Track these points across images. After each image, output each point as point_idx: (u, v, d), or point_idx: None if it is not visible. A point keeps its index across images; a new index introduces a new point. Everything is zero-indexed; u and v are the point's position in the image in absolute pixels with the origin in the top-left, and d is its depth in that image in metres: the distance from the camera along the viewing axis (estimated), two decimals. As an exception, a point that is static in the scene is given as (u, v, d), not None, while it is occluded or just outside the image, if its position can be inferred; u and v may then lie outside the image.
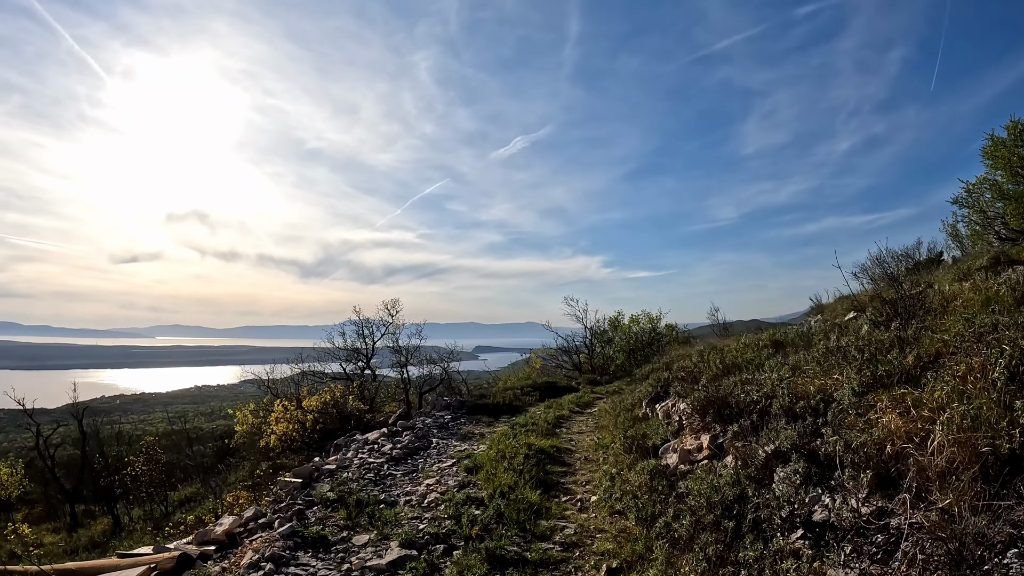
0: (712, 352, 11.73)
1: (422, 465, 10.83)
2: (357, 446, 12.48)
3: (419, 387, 19.48)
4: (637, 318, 35.50)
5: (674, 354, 15.29)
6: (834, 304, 19.33)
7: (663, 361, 14.69)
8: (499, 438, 11.81)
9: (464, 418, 15.89)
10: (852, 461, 4.57)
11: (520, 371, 31.40)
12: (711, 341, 17.80)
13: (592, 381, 25.83)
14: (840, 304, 18.60)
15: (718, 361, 10.00)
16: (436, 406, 17.33)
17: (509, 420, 15.53)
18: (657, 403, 10.96)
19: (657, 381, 11.53)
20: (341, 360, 18.93)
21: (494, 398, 17.60)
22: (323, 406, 15.42)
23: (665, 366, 14.20)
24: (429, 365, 20.47)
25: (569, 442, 12.14)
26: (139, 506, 20.82)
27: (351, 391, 16.82)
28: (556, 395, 21.48)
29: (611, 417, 13.13)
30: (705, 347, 13.12)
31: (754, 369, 8.54)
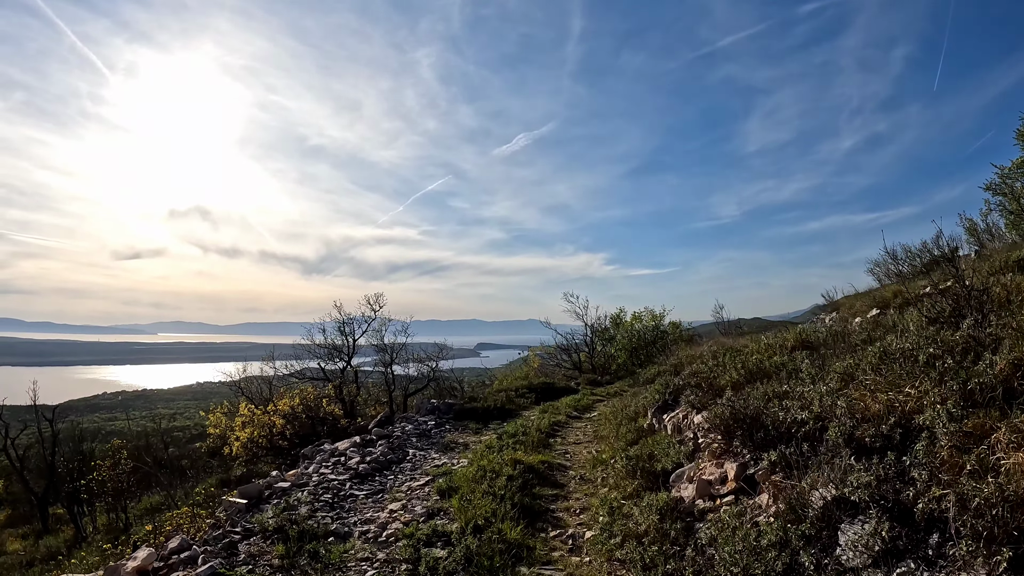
0: (729, 354, 10.18)
1: (391, 483, 9.28)
2: (323, 457, 10.94)
3: (404, 388, 17.96)
4: (640, 315, 33.92)
5: (683, 355, 13.73)
6: (851, 300, 17.67)
7: (670, 363, 13.14)
8: (483, 451, 10.27)
9: (450, 424, 14.36)
10: (971, 526, 3.02)
11: (517, 370, 29.86)
12: (721, 340, 16.24)
13: (592, 382, 24.29)
14: (857, 300, 16.90)
15: (739, 365, 8.44)
16: (421, 410, 15.81)
17: (499, 427, 14.00)
18: (665, 413, 9.41)
19: (665, 387, 9.97)
20: (321, 359, 17.43)
21: (485, 401, 16.07)
22: (291, 410, 13.90)
23: (673, 369, 12.64)
24: (416, 364, 18.94)
25: (564, 455, 10.59)
26: (106, 513, 19.37)
27: (325, 393, 15.29)
28: (553, 397, 19.95)
29: (612, 426, 11.58)
30: (718, 347, 11.55)
31: (787, 377, 6.98)
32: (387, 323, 18.37)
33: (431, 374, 18.71)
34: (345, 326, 17.42)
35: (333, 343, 17.04)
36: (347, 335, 17.30)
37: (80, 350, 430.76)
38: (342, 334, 17.43)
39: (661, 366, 13.67)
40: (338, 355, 17.32)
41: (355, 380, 17.31)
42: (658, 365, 14.60)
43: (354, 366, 17.62)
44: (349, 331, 17.30)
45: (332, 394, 15.33)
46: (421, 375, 19.00)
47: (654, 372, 13.40)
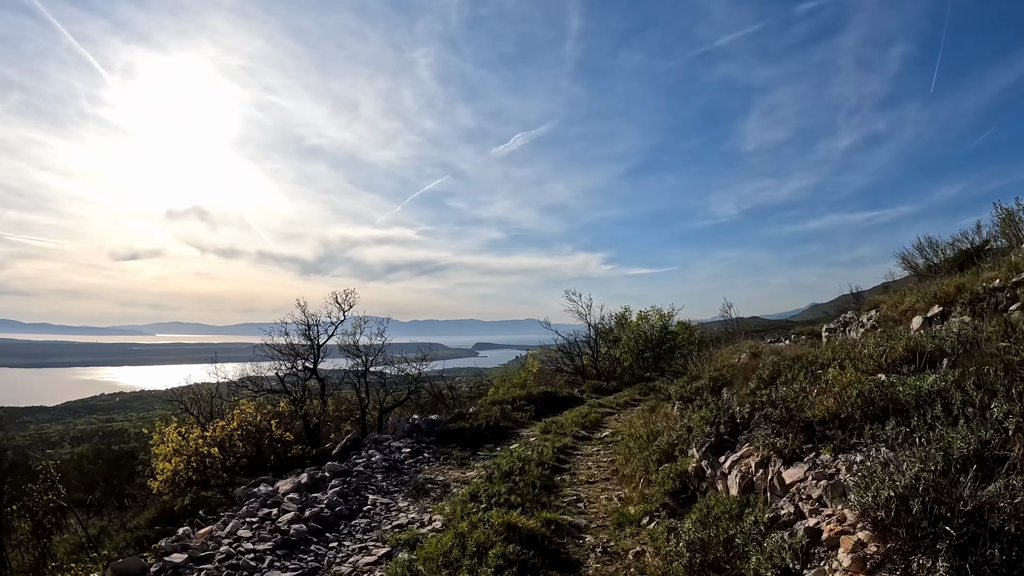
0: (801, 369, 7.36)
1: (332, 557, 6.41)
2: (251, 507, 8.08)
3: (381, 402, 15.04)
4: (646, 315, 31.02)
5: (719, 363, 10.89)
6: (893, 297, 14.69)
7: (707, 374, 10.26)
8: (465, 503, 7.39)
9: (430, 449, 11.50)
10: None
11: (515, 375, 26.97)
12: (772, 346, 13.43)
13: (598, 389, 21.44)
14: (906, 297, 13.87)
15: (838, 389, 5.62)
16: (397, 430, 12.94)
17: (491, 454, 11.14)
18: (722, 454, 6.56)
19: (715, 414, 7.12)
20: (284, 362, 14.52)
21: (475, 419, 13.21)
22: (227, 436, 11.03)
23: (712, 383, 9.80)
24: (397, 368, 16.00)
25: (575, 504, 7.72)
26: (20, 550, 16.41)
27: (279, 411, 12.40)
28: (555, 409, 17.11)
29: (637, 461, 8.72)
30: (777, 357, 8.68)
31: (947, 417, 4.16)
32: (362, 324, 15.54)
33: (413, 385, 15.78)
34: (311, 329, 14.60)
35: (292, 346, 14.18)
36: (313, 339, 14.46)
37: (78, 351, 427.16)
38: (307, 338, 14.60)
39: (695, 379, 10.83)
40: (302, 360, 14.46)
41: (321, 393, 14.43)
42: (689, 373, 11.69)
43: (321, 375, 14.75)
44: (314, 335, 14.46)
45: (286, 412, 12.42)
46: (405, 383, 16.08)
47: (686, 385, 10.53)
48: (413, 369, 16.20)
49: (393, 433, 13.04)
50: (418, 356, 16.44)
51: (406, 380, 15.78)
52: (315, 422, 13.70)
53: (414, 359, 16.41)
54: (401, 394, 15.75)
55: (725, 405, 7.37)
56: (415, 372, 15.91)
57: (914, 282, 17.50)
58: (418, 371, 15.99)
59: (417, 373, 15.90)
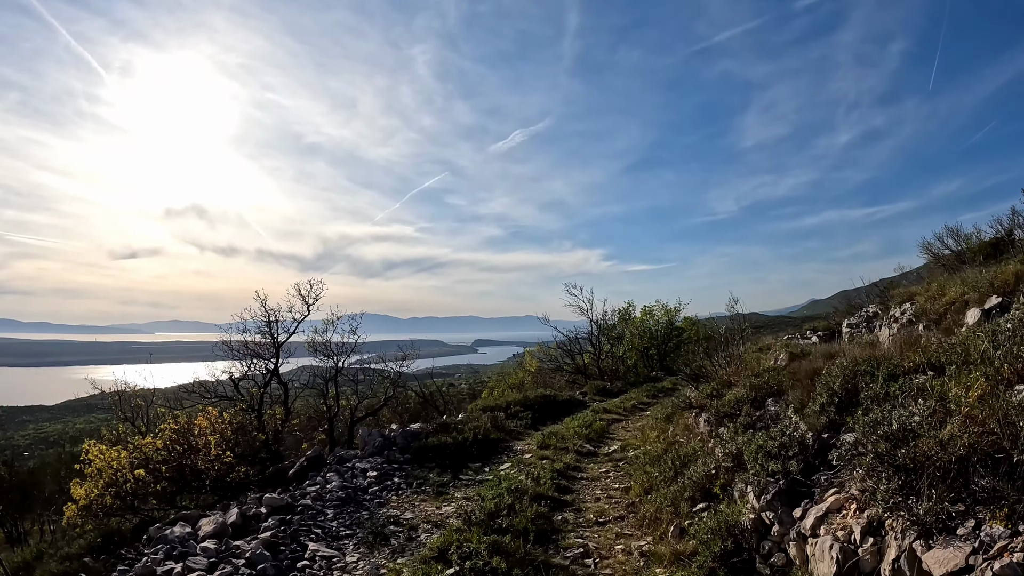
0: (891, 378, 5.32)
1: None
2: (150, 563, 6.00)
3: (352, 410, 12.88)
4: (651, 310, 28.90)
5: (760, 366, 8.83)
6: (931, 288, 12.53)
7: (748, 380, 8.14)
8: (429, 568, 5.31)
9: (403, 471, 9.41)
10: None
11: (512, 375, 24.84)
12: (797, 344, 11.44)
13: (601, 391, 19.33)
14: (946, 288, 11.71)
15: (1003, 416, 3.56)
16: (368, 445, 10.85)
17: (477, 477, 9.06)
18: (795, 503, 4.49)
19: (779, 441, 5.03)
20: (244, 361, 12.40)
21: (461, 431, 11.13)
22: (154, 454, 8.93)
23: (752, 392, 7.73)
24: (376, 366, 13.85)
25: (582, 562, 5.62)
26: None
27: (239, 424, 10.27)
28: (555, 415, 15.04)
29: (663, 497, 6.63)
30: (847, 359, 6.58)
31: None
32: (335, 320, 13.42)
33: (391, 391, 13.60)
34: (272, 326, 12.50)
35: (247, 345, 12.09)
36: (274, 336, 12.37)
37: (77, 350, 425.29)
38: (271, 336, 12.51)
39: (726, 386, 8.74)
40: (263, 361, 12.36)
41: (284, 400, 12.34)
42: (717, 383, 9.54)
43: (285, 379, 12.64)
44: (275, 332, 12.35)
45: (237, 424, 10.29)
46: (385, 387, 13.90)
47: (721, 399, 8.42)
48: (393, 368, 14.00)
49: (363, 449, 10.95)
50: (398, 355, 14.28)
51: (385, 384, 13.59)
52: (275, 434, 11.63)
53: (394, 357, 14.24)
54: (377, 401, 13.58)
55: (790, 430, 5.29)
56: (394, 373, 13.71)
57: (940, 273, 15.99)
58: (398, 373, 13.86)
59: (397, 376, 13.76)
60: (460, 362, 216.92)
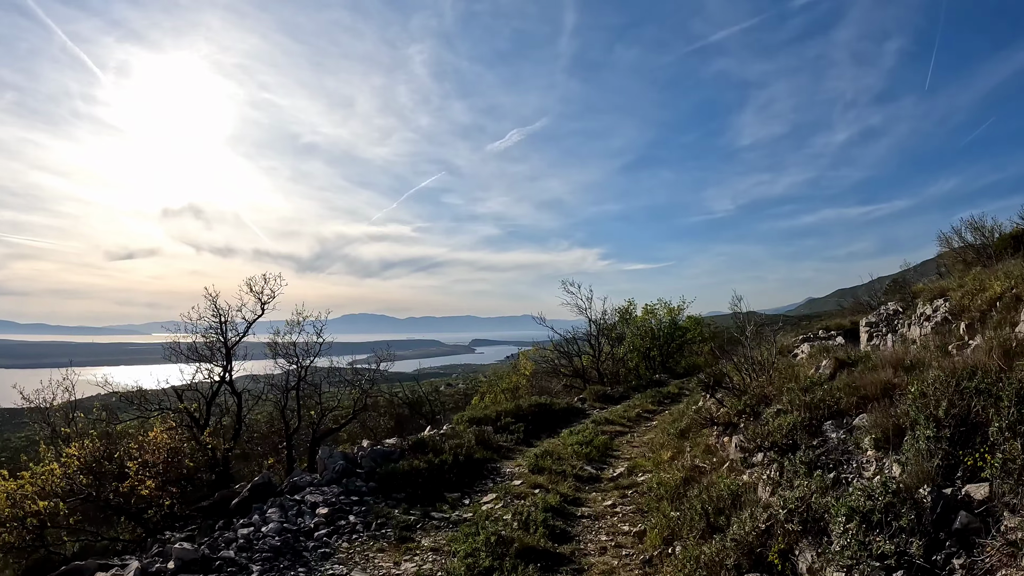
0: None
1: None
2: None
3: (314, 425, 11.07)
4: (653, 308, 27.09)
5: (803, 377, 7.09)
6: (967, 283, 10.80)
7: (796, 396, 6.38)
8: None
9: (362, 506, 7.63)
10: None
11: (505, 378, 23.04)
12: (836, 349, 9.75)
13: (602, 396, 17.58)
14: (989, 282, 9.97)
15: None
16: (327, 469, 9.05)
17: (453, 514, 7.32)
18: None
19: (888, 525, 3.30)
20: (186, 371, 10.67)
21: (440, 450, 9.38)
22: (54, 484, 7.17)
23: (812, 413, 6.00)
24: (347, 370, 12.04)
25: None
26: None
27: (152, 444, 8.49)
28: (551, 427, 13.30)
29: (694, 560, 4.89)
30: (948, 368, 4.85)
31: None
32: (299, 324, 11.64)
33: (362, 401, 11.75)
34: (223, 327, 10.72)
35: (195, 347, 10.35)
36: (225, 340, 10.59)
37: (74, 351, 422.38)
38: (222, 338, 10.75)
39: (762, 401, 6.99)
40: (216, 366, 10.61)
41: (237, 413, 10.56)
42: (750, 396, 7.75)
43: (240, 389, 10.86)
44: (228, 334, 10.58)
45: (159, 445, 8.51)
46: (353, 394, 12.08)
47: (770, 418, 6.66)
48: (366, 374, 12.15)
49: (321, 473, 9.18)
50: (373, 358, 12.47)
51: (355, 393, 11.76)
52: (225, 453, 9.87)
53: (367, 361, 12.42)
54: (346, 412, 11.74)
55: (884, 478, 3.54)
56: (366, 381, 11.87)
57: (959, 267, 14.64)
58: (371, 381, 12.04)
59: (370, 384, 11.94)
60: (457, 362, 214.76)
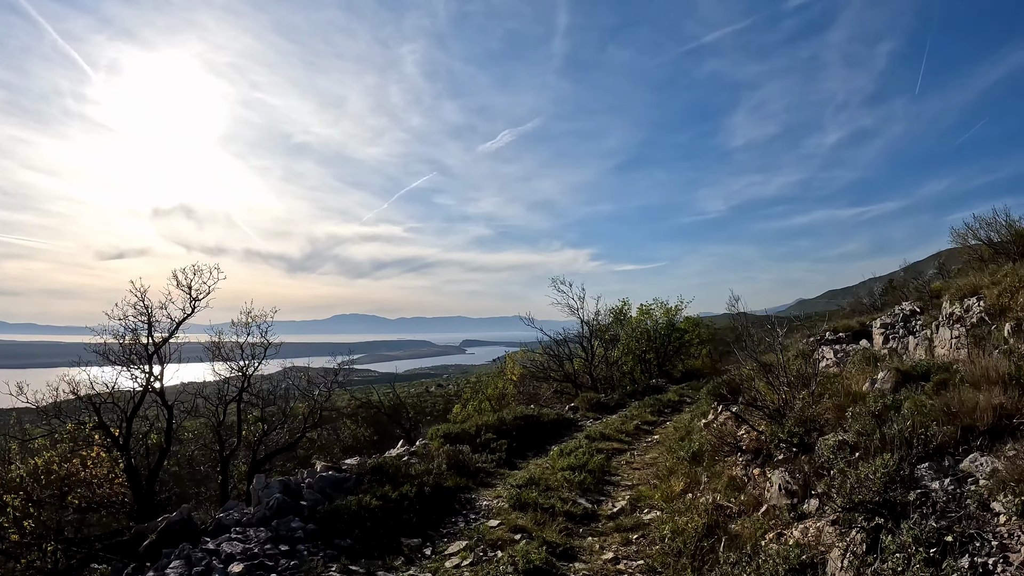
0: None
1: None
2: None
3: (253, 448, 9.23)
4: (649, 308, 25.36)
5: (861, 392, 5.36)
6: (1003, 279, 9.13)
7: (864, 422, 4.65)
8: None
9: (293, 559, 5.83)
10: None
11: (490, 384, 21.24)
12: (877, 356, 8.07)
13: (596, 405, 15.82)
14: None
15: None
16: (260, 504, 7.26)
17: (407, 574, 5.54)
18: None
19: None
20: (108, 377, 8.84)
21: (404, 476, 7.60)
22: None
23: (916, 447, 4.24)
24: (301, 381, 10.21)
25: None
26: None
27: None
28: (539, 443, 11.53)
29: None
30: None
31: None
32: (247, 325, 9.82)
33: (317, 415, 9.83)
34: (152, 327, 8.90)
35: (113, 347, 8.55)
36: (150, 343, 8.77)
37: (64, 351, 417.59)
38: (148, 335, 8.92)
39: (812, 430, 5.24)
40: (141, 372, 8.77)
41: (167, 428, 8.72)
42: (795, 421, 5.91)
43: (171, 401, 9.00)
44: (154, 334, 8.76)
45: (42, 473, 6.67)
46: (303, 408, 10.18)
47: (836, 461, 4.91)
48: (322, 386, 10.24)
49: (256, 508, 7.38)
50: (336, 364, 10.60)
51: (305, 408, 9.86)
52: (149, 477, 8.06)
53: (329, 368, 10.56)
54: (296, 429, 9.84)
55: None
56: (321, 394, 9.97)
57: (976, 264, 13.33)
58: (327, 391, 10.15)
59: (326, 396, 10.04)
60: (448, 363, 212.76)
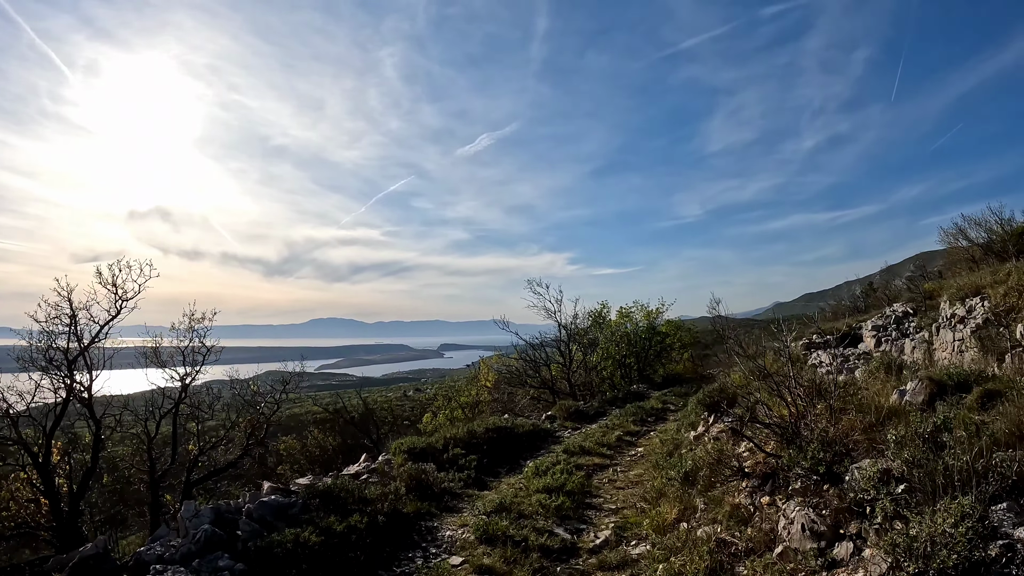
0: None
1: None
2: None
3: (188, 468, 8.11)
4: (628, 311, 24.46)
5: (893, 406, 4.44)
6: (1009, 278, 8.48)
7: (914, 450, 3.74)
8: None
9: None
10: None
11: (463, 391, 20.18)
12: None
13: (574, 413, 14.84)
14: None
15: None
16: (187, 536, 6.17)
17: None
18: None
19: None
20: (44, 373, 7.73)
21: (356, 501, 6.55)
22: None
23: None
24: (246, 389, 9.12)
25: None
26: None
27: None
28: (512, 457, 10.50)
29: None
30: None
31: None
32: (193, 329, 8.67)
33: (262, 430, 8.70)
34: (79, 332, 7.78)
35: (33, 351, 7.44)
36: (79, 341, 7.64)
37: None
38: (76, 339, 7.79)
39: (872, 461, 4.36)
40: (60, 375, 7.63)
41: (94, 441, 7.58)
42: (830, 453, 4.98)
43: (96, 411, 7.86)
44: (80, 337, 7.64)
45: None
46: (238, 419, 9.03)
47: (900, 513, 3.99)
48: (266, 399, 9.07)
49: (183, 540, 6.29)
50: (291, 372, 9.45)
51: (243, 421, 8.69)
52: (72, 499, 6.90)
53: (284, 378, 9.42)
54: (231, 444, 8.70)
55: None
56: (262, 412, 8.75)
57: (966, 265, 12.66)
58: (275, 405, 8.99)
59: (275, 408, 8.88)
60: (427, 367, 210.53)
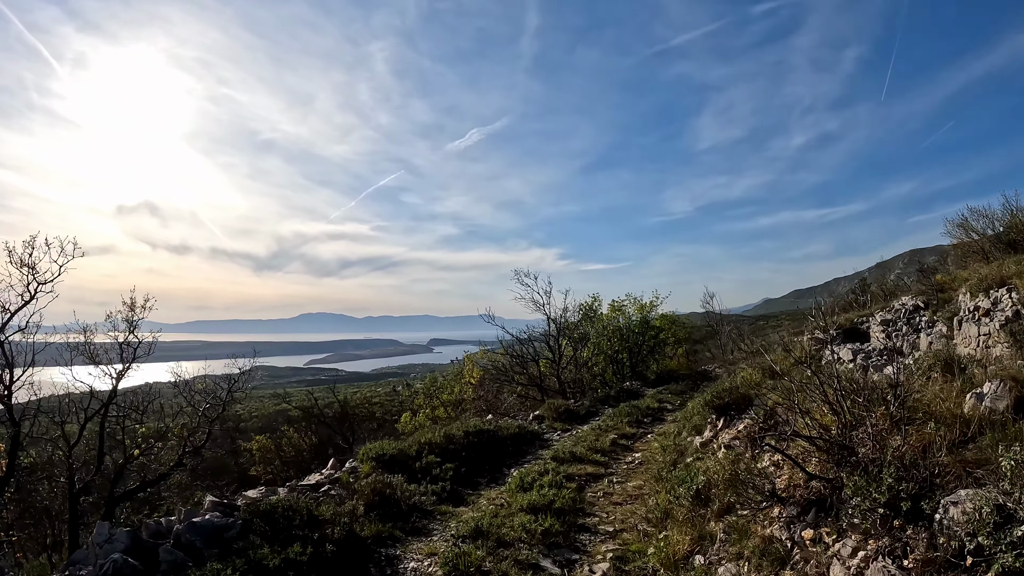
0: None
1: None
2: None
3: (111, 480, 6.92)
4: (621, 305, 23.30)
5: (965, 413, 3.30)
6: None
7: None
8: None
9: None
10: None
11: (447, 388, 19.00)
12: None
13: (564, 414, 13.71)
14: None
15: None
16: (97, 569, 5.01)
17: None
18: None
19: None
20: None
21: (304, 524, 5.40)
22: None
23: None
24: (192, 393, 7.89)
25: None
26: None
27: None
28: (495, 465, 9.34)
29: None
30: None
31: None
32: (129, 321, 7.47)
33: (204, 439, 7.45)
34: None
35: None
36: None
37: (24, 352, 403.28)
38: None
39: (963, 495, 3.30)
40: None
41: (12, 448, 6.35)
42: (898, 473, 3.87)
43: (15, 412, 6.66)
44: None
45: None
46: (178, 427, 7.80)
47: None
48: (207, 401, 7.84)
49: (91, 568, 5.13)
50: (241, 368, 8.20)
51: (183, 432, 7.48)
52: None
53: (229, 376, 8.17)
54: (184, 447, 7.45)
55: None
56: (203, 416, 7.55)
57: (974, 258, 11.73)
58: (222, 406, 7.78)
59: (220, 410, 7.68)
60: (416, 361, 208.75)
